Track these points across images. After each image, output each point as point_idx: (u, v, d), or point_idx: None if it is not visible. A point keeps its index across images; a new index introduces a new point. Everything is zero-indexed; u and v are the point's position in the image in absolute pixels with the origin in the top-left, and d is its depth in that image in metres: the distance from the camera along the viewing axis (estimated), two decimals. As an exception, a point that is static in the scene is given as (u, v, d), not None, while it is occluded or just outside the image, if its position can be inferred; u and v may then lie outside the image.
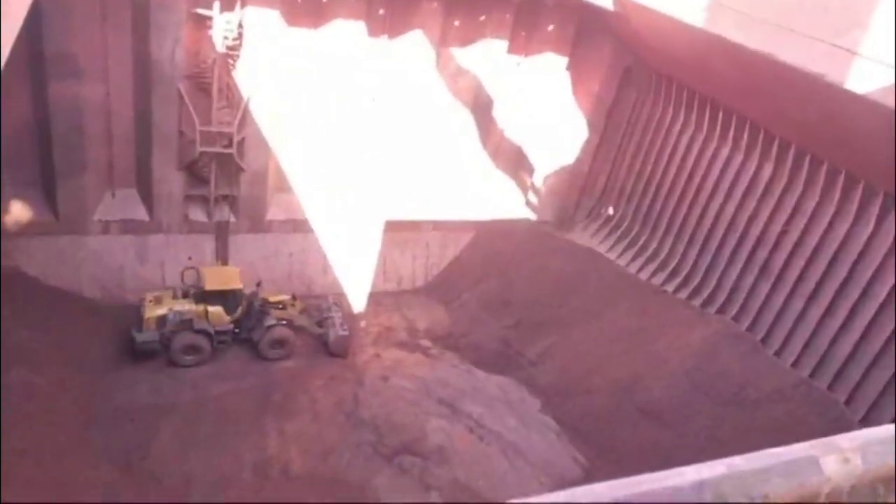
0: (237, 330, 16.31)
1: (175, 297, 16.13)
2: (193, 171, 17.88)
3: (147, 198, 17.72)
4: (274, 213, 19.20)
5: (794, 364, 15.50)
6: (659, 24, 15.72)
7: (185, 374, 15.51)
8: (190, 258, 18.43)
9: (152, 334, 15.32)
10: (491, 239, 21.17)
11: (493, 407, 15.55)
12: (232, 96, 17.32)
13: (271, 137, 18.05)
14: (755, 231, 16.84)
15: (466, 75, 20.32)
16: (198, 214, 18.42)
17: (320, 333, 17.03)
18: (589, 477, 13.84)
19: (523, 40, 20.31)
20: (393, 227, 20.16)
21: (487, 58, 20.09)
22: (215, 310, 15.84)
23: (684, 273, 18.57)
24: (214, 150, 17.44)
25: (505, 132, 21.54)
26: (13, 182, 16.53)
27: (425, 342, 17.94)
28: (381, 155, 19.62)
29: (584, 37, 20.42)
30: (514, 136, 21.62)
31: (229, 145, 17.54)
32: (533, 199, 22.20)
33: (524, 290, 19.34)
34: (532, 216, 22.06)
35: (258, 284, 16.67)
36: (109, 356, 15.70)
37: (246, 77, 17.15)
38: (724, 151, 17.72)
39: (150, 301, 15.87)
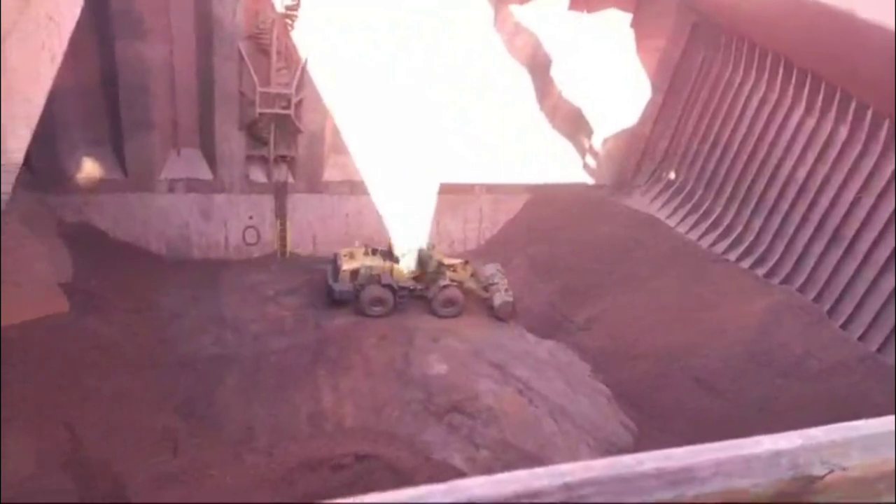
0: (415, 287, 17.13)
1: (366, 253, 17.21)
2: (253, 132, 18.23)
3: (210, 157, 18.22)
4: (331, 174, 19.45)
5: (861, 338, 14.85)
6: (731, -23, 14.86)
7: (246, 327, 16.12)
8: (251, 217, 18.97)
9: (347, 285, 16.61)
10: (545, 203, 20.87)
11: (542, 370, 15.57)
12: (290, 57, 17.44)
13: (328, 99, 18.15)
14: (826, 198, 16.03)
15: (525, 33, 19.79)
16: (257, 175, 18.85)
17: (486, 297, 17.57)
18: (638, 442, 13.78)
19: (586, -4, 19.59)
20: (446, 190, 20.10)
21: (547, 14, 19.48)
22: (400, 267, 16.87)
23: (748, 241, 17.90)
24: (273, 111, 17.70)
25: (563, 92, 20.98)
26: (85, 140, 17.27)
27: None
28: (436, 116, 19.48)
29: (650, -8, 19.53)
30: (572, 96, 21.03)
31: (287, 106, 17.76)
32: (591, 162, 21.67)
33: (577, 255, 19.08)
34: (589, 180, 21.58)
35: (433, 247, 17.44)
36: (175, 308, 16.44)
37: (304, 38, 17.21)
38: (797, 113, 16.80)
39: (346, 256, 17.00)
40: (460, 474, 12.52)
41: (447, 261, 17.53)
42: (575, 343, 16.80)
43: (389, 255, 17.08)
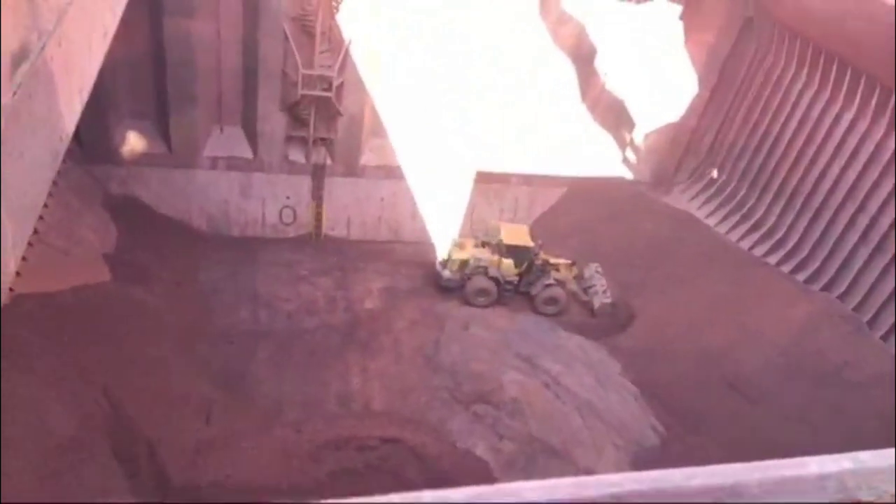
0: (520, 283, 17.35)
1: (476, 245, 17.67)
2: (294, 113, 18.42)
3: (251, 136, 18.48)
4: (368, 159, 19.56)
5: (903, 350, 14.40)
6: (789, -29, 14.38)
7: (280, 305, 16.41)
8: (288, 197, 19.23)
9: (455, 274, 17.12)
10: (582, 196, 20.63)
11: (571, 365, 15.50)
12: (334, 40, 17.53)
13: (369, 82, 18.21)
14: (874, 204, 15.51)
15: (570, 22, 19.50)
16: (297, 155, 19.06)
17: (586, 301, 17.71)
18: (666, 444, 13.65)
19: (635, -14, 19.19)
20: (482, 178, 20.05)
21: (594, 4, 19.16)
22: (507, 262, 17.15)
23: (790, 244, 17.45)
24: (314, 93, 17.84)
25: (606, 84, 20.65)
26: (131, 115, 17.68)
27: (508, 295, 17.92)
28: (475, 103, 19.38)
29: (703, -17, 19.03)
30: (615, 88, 20.68)
31: (329, 89, 17.87)
32: (631, 156, 21.33)
33: (614, 251, 18.85)
34: (628, 175, 21.25)
35: (541, 245, 17.46)
36: (213, 282, 16.82)
37: (348, 21, 17.26)
38: (848, 115, 16.26)
39: (456, 246, 17.57)
40: (483, 463, 12.61)
41: (553, 260, 17.58)
42: (608, 340, 16.66)
43: (499, 249, 17.32)
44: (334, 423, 13.00)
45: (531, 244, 17.37)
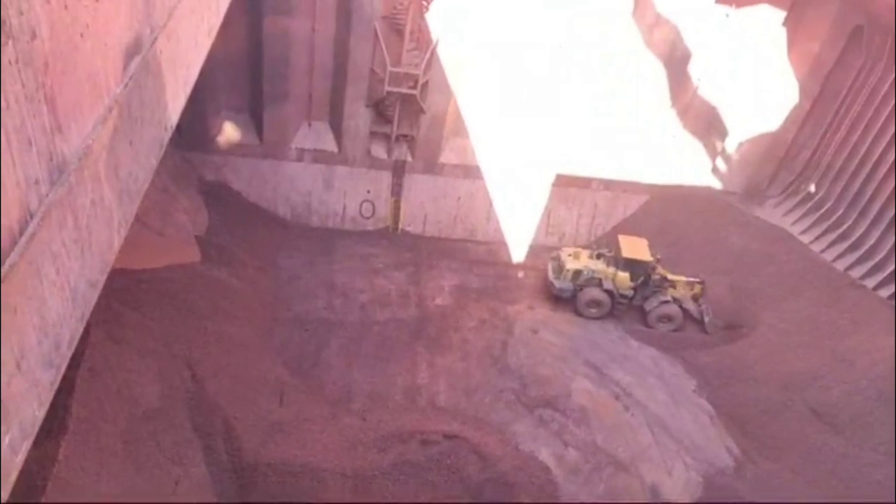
0: (635, 297, 17.28)
1: (591, 256, 17.73)
2: (379, 110, 18.81)
3: (337, 131, 19.04)
4: (447, 157, 19.72)
5: None
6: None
7: (354, 296, 16.83)
8: (369, 191, 19.68)
9: (568, 284, 17.21)
10: (666, 205, 19.99)
11: (643, 378, 15.09)
12: (422, 39, 17.76)
13: (453, 82, 18.33)
14: None
15: (665, 25, 18.91)
16: (379, 151, 19.48)
17: (699, 319, 17.47)
18: (740, 469, 13.06)
19: (736, -11, 18.38)
20: (562, 182, 19.79)
21: (692, 7, 18.50)
22: (623, 275, 17.09)
23: (890, 268, 16.26)
24: (400, 90, 18.15)
25: (699, 90, 19.89)
26: (227, 107, 18.59)
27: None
28: (560, 105, 19.13)
29: (810, -12, 17.99)
30: (709, 94, 19.89)
31: (414, 87, 18.13)
32: (721, 166, 20.46)
33: (697, 263, 18.17)
34: (717, 185, 20.40)
35: (658, 259, 17.30)
36: (293, 269, 17.46)
37: (437, 21, 17.45)
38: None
39: (570, 255, 17.67)
40: (545, 469, 12.47)
41: (671, 276, 17.23)
42: (684, 355, 16.10)
43: (614, 261, 17.14)
44: (399, 416, 13.21)
45: (649, 258, 16.86)
